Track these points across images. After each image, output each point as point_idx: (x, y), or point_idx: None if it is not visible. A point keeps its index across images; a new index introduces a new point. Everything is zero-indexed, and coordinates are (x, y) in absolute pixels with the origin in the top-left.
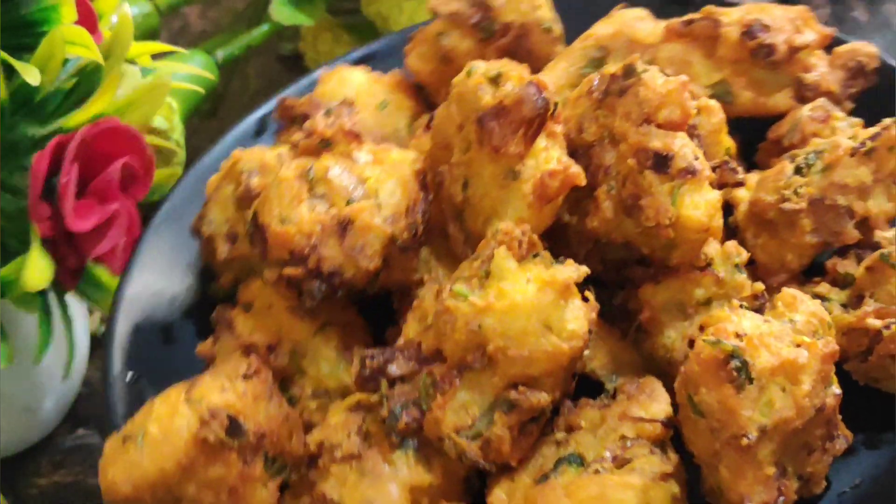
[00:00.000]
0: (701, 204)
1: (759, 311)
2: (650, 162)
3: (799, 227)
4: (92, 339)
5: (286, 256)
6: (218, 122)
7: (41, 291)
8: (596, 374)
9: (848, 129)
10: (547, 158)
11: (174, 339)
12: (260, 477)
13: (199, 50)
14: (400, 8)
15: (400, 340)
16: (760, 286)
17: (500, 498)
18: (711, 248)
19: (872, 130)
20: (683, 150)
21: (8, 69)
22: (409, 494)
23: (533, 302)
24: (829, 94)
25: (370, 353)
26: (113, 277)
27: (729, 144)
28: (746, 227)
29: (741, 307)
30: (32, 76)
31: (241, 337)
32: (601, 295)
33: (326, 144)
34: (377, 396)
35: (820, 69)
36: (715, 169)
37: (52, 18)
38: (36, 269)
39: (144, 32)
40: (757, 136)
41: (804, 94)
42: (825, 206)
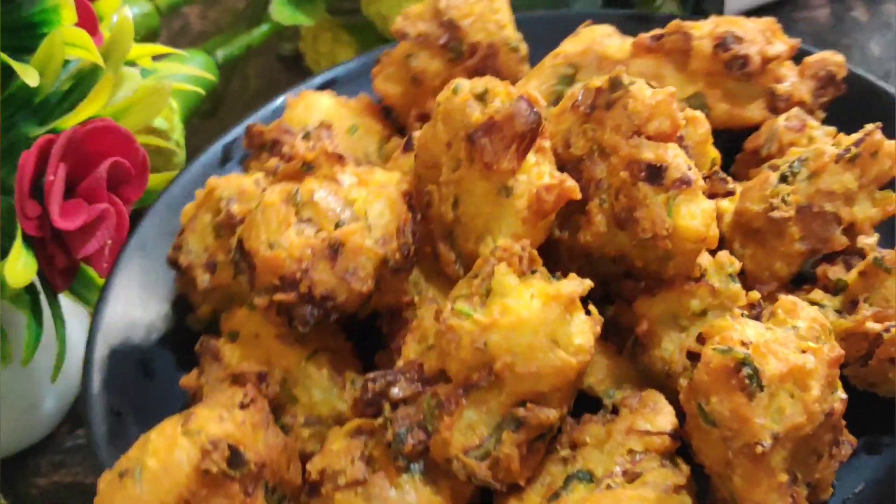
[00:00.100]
0: (697, 213)
1: (756, 319)
2: (644, 174)
3: (787, 235)
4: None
5: (276, 282)
6: (218, 122)
7: (31, 291)
8: (594, 390)
9: (824, 137)
10: (539, 173)
11: (153, 372)
12: None
13: (199, 50)
14: (400, 8)
15: (400, 362)
16: (756, 295)
17: None
18: (704, 258)
19: (855, 136)
20: (677, 160)
21: (8, 70)
22: None
23: (539, 317)
24: (801, 103)
25: (372, 376)
26: (102, 280)
27: (714, 155)
28: (733, 237)
29: (742, 315)
30: (31, 77)
31: (229, 367)
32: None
33: (308, 168)
34: (380, 420)
35: (791, 79)
36: (705, 179)
37: (52, 20)
38: (18, 265)
39: (144, 32)
40: (729, 147)
41: (777, 104)
42: (813, 213)
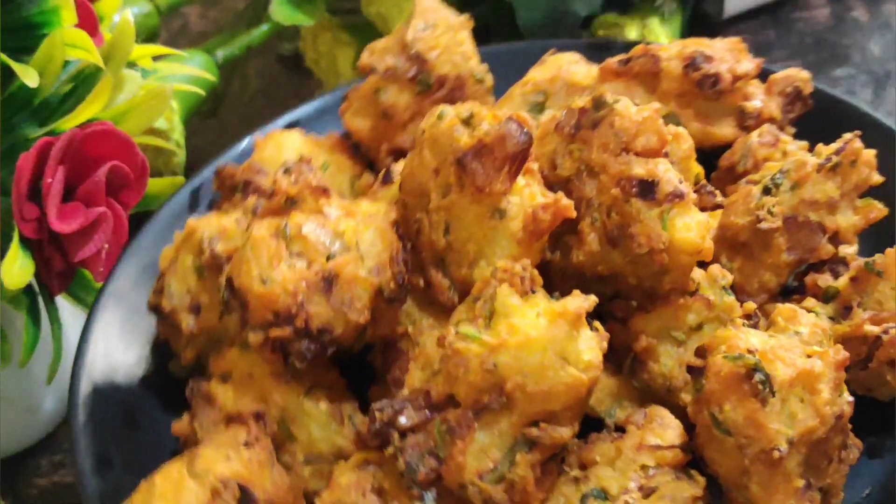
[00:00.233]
0: (692, 225)
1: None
2: (635, 189)
3: (774, 246)
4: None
5: (270, 318)
6: (218, 122)
7: (30, 293)
8: (594, 410)
9: (798, 151)
10: (531, 194)
11: (139, 421)
12: None
13: (199, 50)
14: (399, 8)
15: (405, 391)
16: (752, 305)
17: None
18: (696, 273)
19: (835, 146)
20: (667, 174)
21: (7, 71)
22: None
23: (547, 335)
24: (771, 120)
25: (379, 405)
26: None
27: (698, 170)
28: (719, 252)
29: (744, 325)
30: (31, 78)
31: (223, 409)
32: None
33: (292, 202)
34: (390, 450)
35: (759, 97)
36: (694, 193)
37: (52, 21)
38: (15, 267)
39: (144, 32)
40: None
41: (747, 122)
42: (798, 223)
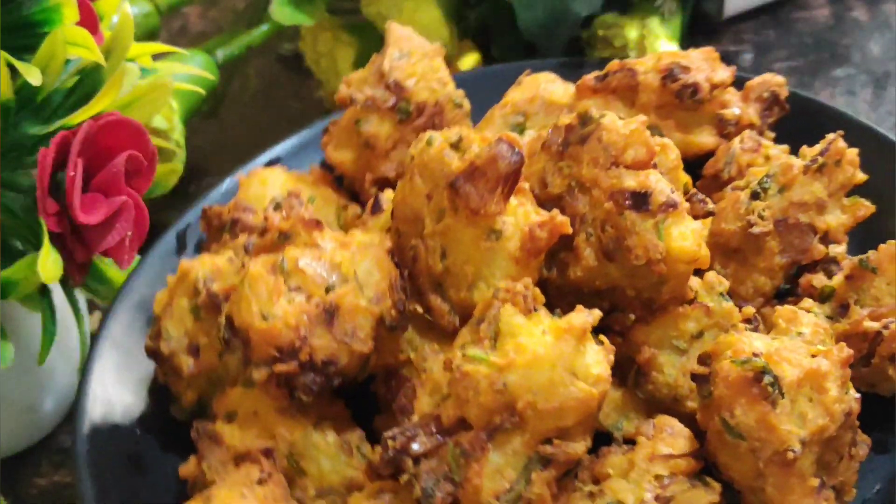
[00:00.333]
0: (688, 234)
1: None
2: (629, 202)
3: (767, 249)
4: (92, 337)
5: (274, 353)
6: (218, 122)
7: (45, 290)
8: (601, 424)
9: (781, 155)
10: (525, 213)
11: (143, 466)
12: None
13: (199, 50)
14: (399, 8)
15: (414, 417)
16: (751, 310)
17: None
18: (693, 281)
19: (819, 147)
20: (659, 185)
21: (10, 69)
22: None
23: (554, 352)
24: (750, 126)
25: (391, 434)
26: (119, 272)
27: (686, 180)
28: (712, 259)
29: (746, 329)
30: (34, 76)
31: (231, 448)
32: None
33: (286, 238)
34: (405, 477)
35: (736, 104)
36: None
37: (53, 19)
38: (49, 263)
39: (144, 32)
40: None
41: (726, 129)
42: (789, 225)
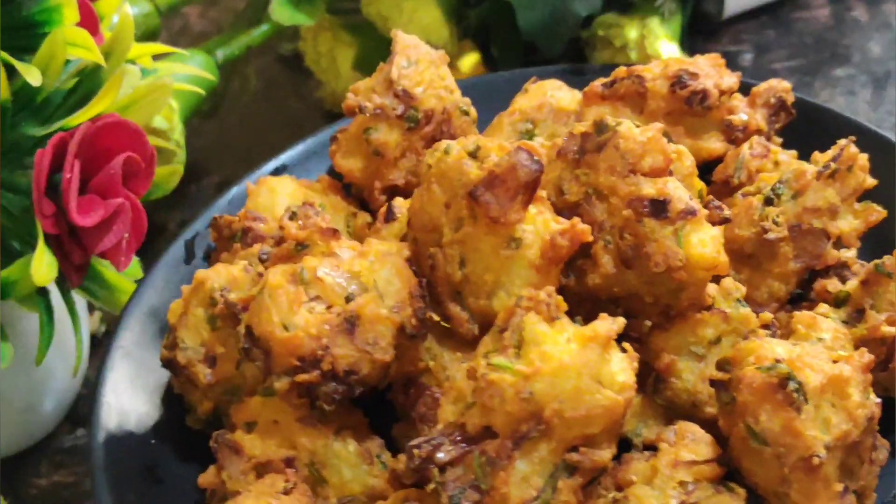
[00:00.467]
0: (707, 241)
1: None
2: (647, 209)
3: (781, 255)
4: (92, 338)
5: (296, 363)
6: (218, 121)
7: (43, 291)
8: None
9: (790, 161)
10: (545, 221)
11: (160, 477)
12: None
13: (199, 50)
14: (400, 8)
15: (439, 426)
16: (769, 316)
17: None
18: (710, 287)
19: (831, 153)
20: (678, 192)
21: (10, 70)
22: None
23: (580, 360)
24: (758, 132)
25: (416, 442)
26: (118, 275)
27: (701, 186)
28: None
29: (766, 335)
30: (34, 77)
31: (252, 458)
32: None
33: (303, 247)
34: (431, 486)
35: (743, 110)
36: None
37: (53, 20)
38: (43, 264)
39: (144, 32)
40: None
41: (734, 135)
42: (803, 230)
